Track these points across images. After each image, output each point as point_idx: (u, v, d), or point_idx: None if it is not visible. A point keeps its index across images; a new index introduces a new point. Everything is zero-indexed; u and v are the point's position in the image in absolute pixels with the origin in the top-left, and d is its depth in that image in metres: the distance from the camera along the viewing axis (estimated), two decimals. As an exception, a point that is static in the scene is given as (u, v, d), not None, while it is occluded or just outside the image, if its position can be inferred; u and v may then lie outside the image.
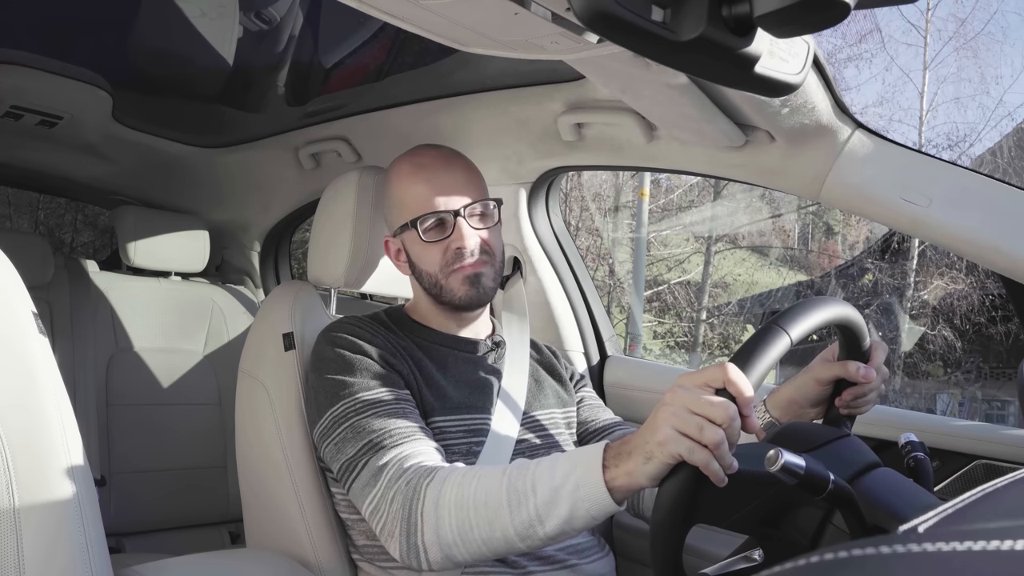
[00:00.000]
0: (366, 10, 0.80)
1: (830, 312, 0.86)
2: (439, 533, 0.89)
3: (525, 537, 0.85)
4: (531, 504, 0.84)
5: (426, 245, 1.12)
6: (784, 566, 0.27)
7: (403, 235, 1.16)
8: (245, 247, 2.45)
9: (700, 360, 12.17)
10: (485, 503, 0.87)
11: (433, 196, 1.11)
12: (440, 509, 0.89)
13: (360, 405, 1.03)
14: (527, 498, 0.84)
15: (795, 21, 0.55)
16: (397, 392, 1.05)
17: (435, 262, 1.13)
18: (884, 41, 17.30)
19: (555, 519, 0.83)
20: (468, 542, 0.88)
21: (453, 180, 1.13)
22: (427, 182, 1.12)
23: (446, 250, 1.12)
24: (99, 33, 1.51)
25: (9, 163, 2.12)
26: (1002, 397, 10.17)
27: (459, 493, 0.89)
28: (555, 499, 0.83)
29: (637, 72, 0.97)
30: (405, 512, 0.92)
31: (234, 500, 2.02)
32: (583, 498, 0.82)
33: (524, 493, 0.85)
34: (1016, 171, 10.93)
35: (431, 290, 1.16)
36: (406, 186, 1.14)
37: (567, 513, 0.83)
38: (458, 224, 1.11)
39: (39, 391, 0.74)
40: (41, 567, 0.70)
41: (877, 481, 0.81)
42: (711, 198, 12.89)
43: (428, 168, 1.14)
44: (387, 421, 1.01)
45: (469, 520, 0.87)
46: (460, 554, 0.90)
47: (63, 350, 1.90)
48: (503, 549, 0.88)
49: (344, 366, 1.07)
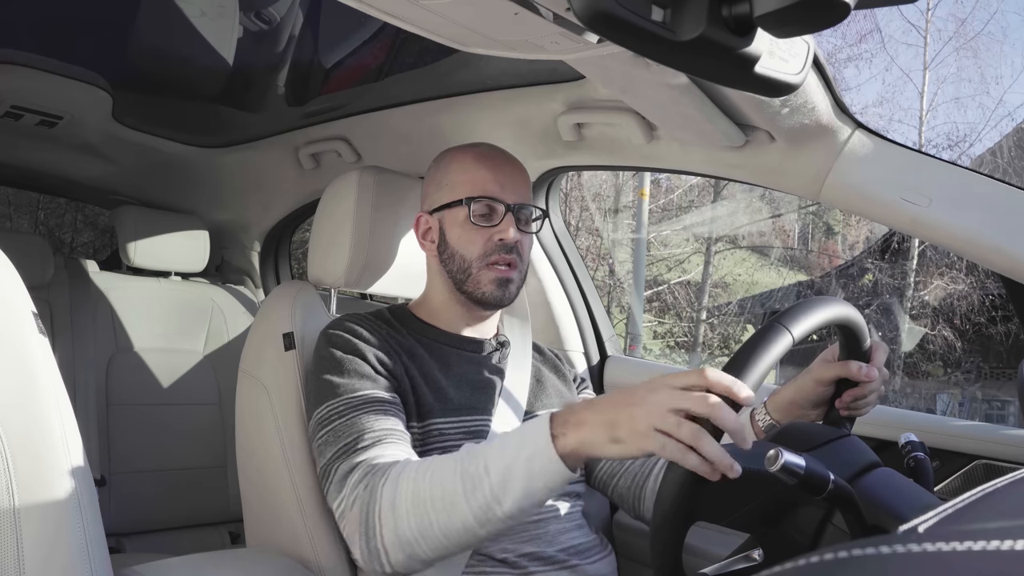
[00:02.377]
0: (366, 10, 0.80)
1: (831, 312, 0.86)
2: (398, 532, 0.89)
3: (484, 521, 0.85)
4: (486, 485, 0.84)
5: (471, 228, 1.13)
6: (784, 566, 0.27)
7: (444, 213, 1.16)
8: (245, 247, 2.45)
9: (700, 360, 12.17)
10: (441, 494, 0.87)
11: (493, 183, 1.13)
12: (397, 508, 0.89)
13: (341, 407, 1.03)
14: (481, 480, 0.85)
15: (795, 21, 0.55)
16: (381, 394, 1.04)
17: (475, 248, 1.13)
18: (884, 41, 17.34)
19: (511, 496, 0.83)
20: (428, 537, 0.88)
21: (514, 178, 1.16)
22: (491, 170, 1.14)
23: (488, 239, 1.12)
24: (99, 33, 1.51)
25: (9, 163, 2.12)
26: (1002, 397, 10.17)
27: (415, 488, 0.89)
28: (509, 476, 0.83)
29: (637, 72, 0.97)
30: (363, 516, 0.92)
31: (234, 500, 2.02)
32: (537, 470, 0.82)
33: (478, 476, 0.85)
34: (1016, 171, 10.93)
35: (456, 275, 1.15)
36: (467, 167, 1.15)
37: (523, 487, 0.83)
38: (508, 218, 1.12)
39: (39, 391, 0.74)
40: (41, 567, 0.70)
41: (877, 481, 0.81)
42: (711, 198, 12.89)
43: (493, 159, 1.16)
44: (364, 424, 1.00)
45: (427, 514, 0.87)
46: (422, 551, 0.89)
47: (63, 350, 1.90)
48: (464, 539, 0.88)
49: (334, 366, 1.07)
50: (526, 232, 1.16)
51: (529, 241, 1.18)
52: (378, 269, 1.30)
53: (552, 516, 1.10)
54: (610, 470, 1.21)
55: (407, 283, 1.34)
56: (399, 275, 1.32)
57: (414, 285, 1.33)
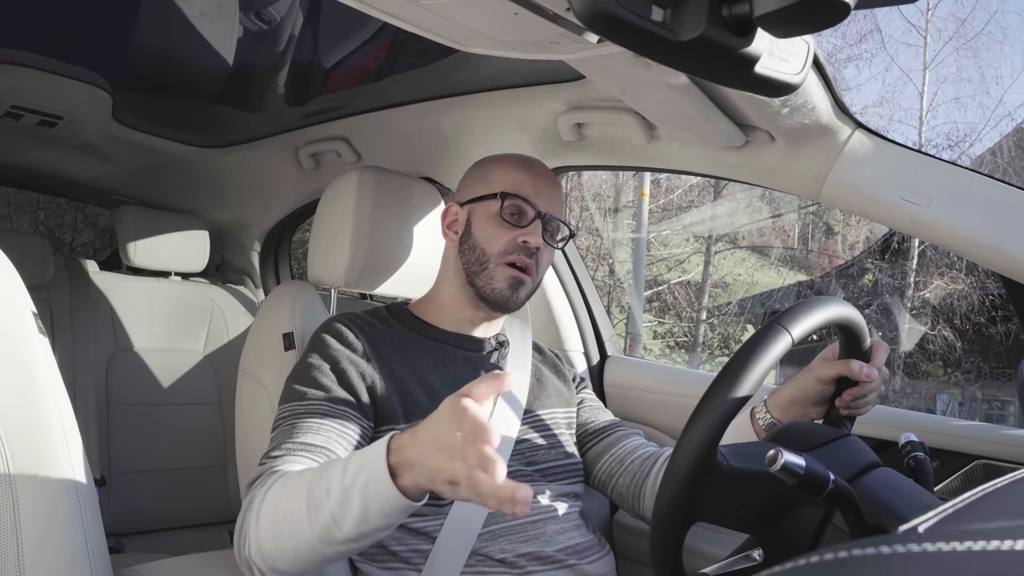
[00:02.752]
0: (366, 10, 0.80)
1: (831, 312, 0.86)
2: (260, 545, 0.88)
3: (328, 542, 0.83)
4: (326, 508, 0.82)
5: (499, 224, 1.14)
6: (784, 566, 0.27)
7: (476, 205, 1.17)
8: (245, 247, 2.46)
9: (700, 360, 12.17)
10: (291, 513, 0.85)
11: (530, 187, 1.16)
12: (260, 522, 0.88)
13: (288, 414, 1.02)
14: (322, 502, 0.83)
15: (795, 21, 0.55)
16: (334, 405, 1.03)
17: (498, 244, 1.14)
18: (884, 41, 17.32)
19: (349, 519, 0.81)
20: (284, 552, 0.87)
21: (550, 190, 1.18)
22: (529, 176, 1.17)
23: (512, 239, 1.13)
24: (99, 33, 1.51)
25: (9, 163, 2.12)
26: (1002, 397, 10.18)
27: (273, 504, 0.88)
28: (346, 499, 0.81)
29: (637, 72, 0.97)
30: (240, 524, 0.91)
31: (234, 500, 2.02)
32: (373, 496, 0.80)
33: (320, 498, 0.83)
34: (1016, 171, 10.93)
35: (472, 266, 1.15)
36: (509, 170, 1.18)
37: (359, 512, 0.80)
38: (536, 223, 1.14)
39: (39, 391, 0.74)
40: (41, 567, 0.70)
41: (877, 481, 0.81)
42: (711, 198, 12.89)
43: (534, 168, 1.19)
44: (290, 434, 0.99)
45: (280, 532, 0.86)
46: (282, 565, 0.88)
47: (63, 350, 1.90)
48: (314, 557, 0.86)
49: (302, 370, 1.07)
50: (550, 244, 1.17)
51: (550, 254, 1.19)
52: (378, 269, 1.30)
53: (550, 516, 1.10)
54: (608, 470, 1.21)
55: (407, 283, 1.34)
56: (399, 275, 1.32)
57: (414, 285, 1.33)
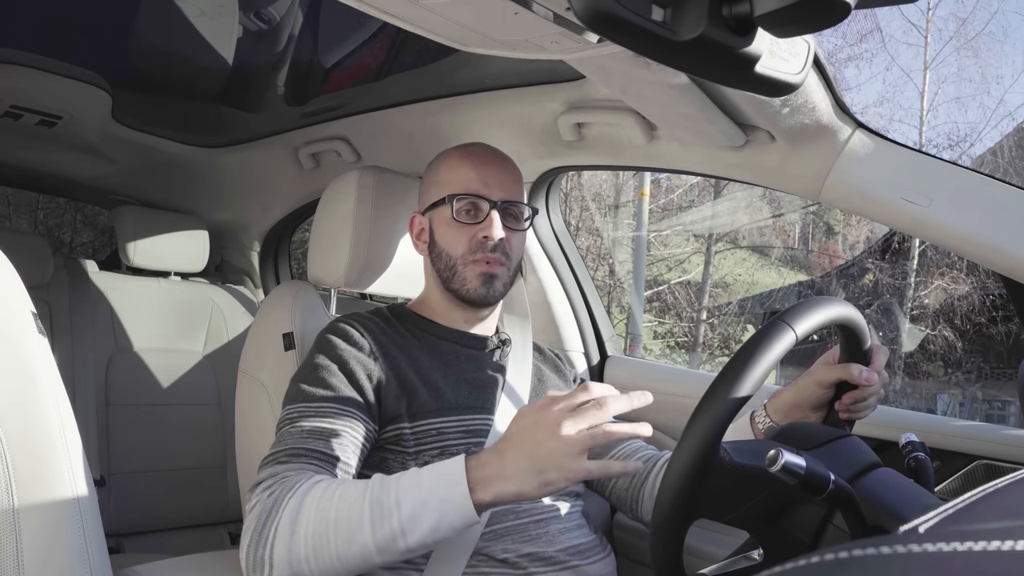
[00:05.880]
0: (366, 10, 0.80)
1: (834, 311, 0.87)
2: (291, 549, 0.87)
3: (385, 551, 0.86)
4: (395, 518, 0.85)
5: (455, 226, 1.13)
6: (784, 566, 0.27)
7: (433, 212, 1.17)
8: (245, 247, 2.45)
9: (700, 360, 12.17)
10: (347, 518, 0.86)
11: (477, 180, 1.14)
12: (297, 524, 0.88)
13: (296, 415, 1.02)
14: (391, 512, 0.85)
15: (795, 21, 0.55)
16: (342, 407, 1.02)
17: (459, 246, 1.13)
18: (884, 41, 17.33)
19: (419, 532, 0.85)
20: (321, 558, 0.87)
21: (500, 175, 1.16)
22: (475, 168, 1.15)
23: (472, 237, 1.13)
24: (99, 33, 1.51)
25: (9, 163, 2.12)
26: (1003, 397, 10.17)
27: (320, 507, 0.88)
28: (422, 510, 0.85)
29: (637, 72, 0.97)
30: (259, 525, 0.90)
31: (234, 500, 2.02)
32: (451, 509, 0.85)
33: (389, 508, 0.85)
34: (1016, 171, 10.93)
35: (443, 273, 1.15)
36: (453, 166, 1.16)
37: (431, 526, 0.85)
38: (492, 215, 1.12)
39: (39, 391, 0.74)
40: (40, 567, 0.70)
41: (878, 481, 0.81)
42: (711, 198, 12.89)
43: (480, 157, 1.17)
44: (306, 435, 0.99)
45: (327, 536, 0.86)
46: (308, 570, 0.88)
47: (63, 350, 1.90)
48: (356, 564, 0.87)
49: (310, 370, 1.07)
50: (514, 230, 1.16)
51: (518, 239, 1.17)
52: (378, 269, 1.30)
53: (553, 516, 1.10)
54: (609, 471, 1.20)
55: (407, 283, 1.34)
56: (399, 275, 1.32)
57: (414, 285, 1.33)
